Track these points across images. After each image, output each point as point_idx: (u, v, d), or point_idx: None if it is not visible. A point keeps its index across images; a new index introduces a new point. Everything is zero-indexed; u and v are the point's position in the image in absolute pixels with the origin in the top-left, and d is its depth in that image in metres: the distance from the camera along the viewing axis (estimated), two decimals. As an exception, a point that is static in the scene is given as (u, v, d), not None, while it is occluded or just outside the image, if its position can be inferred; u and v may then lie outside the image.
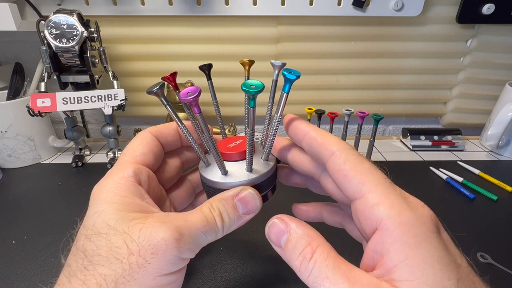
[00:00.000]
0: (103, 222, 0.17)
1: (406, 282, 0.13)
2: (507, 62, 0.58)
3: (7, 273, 0.29)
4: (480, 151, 0.55)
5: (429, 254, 0.13)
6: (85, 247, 0.16)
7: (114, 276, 0.15)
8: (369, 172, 0.16)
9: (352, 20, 0.54)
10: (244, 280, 0.29)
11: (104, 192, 0.18)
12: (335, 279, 0.14)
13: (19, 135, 0.47)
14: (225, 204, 0.19)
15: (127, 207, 0.17)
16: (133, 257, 0.15)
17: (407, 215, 0.14)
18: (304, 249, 0.16)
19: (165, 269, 0.16)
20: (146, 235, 0.16)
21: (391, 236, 0.14)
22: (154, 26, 0.54)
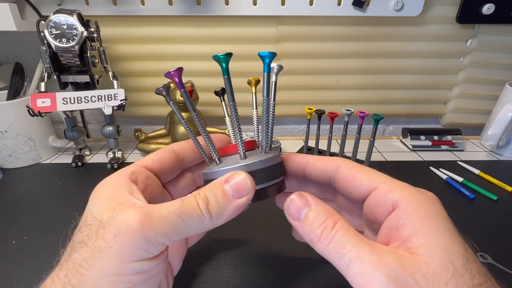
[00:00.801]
0: (91, 215, 0.17)
1: (421, 247, 0.15)
2: (507, 62, 0.58)
3: (7, 273, 0.29)
4: (480, 151, 0.55)
5: (440, 224, 0.16)
6: (74, 238, 0.17)
7: (80, 261, 0.15)
8: (374, 171, 0.19)
9: (352, 20, 0.54)
10: (244, 280, 0.29)
11: (102, 188, 0.19)
12: (357, 243, 0.15)
13: (19, 135, 0.47)
14: (213, 189, 0.18)
15: (115, 201, 0.17)
16: (98, 241, 0.15)
17: (418, 196, 0.17)
18: (325, 221, 0.17)
19: (129, 254, 0.15)
20: (115, 219, 0.16)
21: (406, 211, 0.16)
22: (154, 26, 0.54)
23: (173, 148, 0.23)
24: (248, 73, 0.59)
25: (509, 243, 0.33)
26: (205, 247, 0.33)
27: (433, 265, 0.14)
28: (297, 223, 0.18)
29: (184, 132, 0.52)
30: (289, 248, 0.32)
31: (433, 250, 0.15)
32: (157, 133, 0.55)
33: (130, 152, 0.54)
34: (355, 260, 0.15)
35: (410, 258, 0.15)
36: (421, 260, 0.14)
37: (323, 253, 0.16)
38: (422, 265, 0.14)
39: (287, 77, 0.60)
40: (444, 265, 0.14)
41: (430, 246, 0.15)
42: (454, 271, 0.14)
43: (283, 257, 0.31)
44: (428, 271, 0.14)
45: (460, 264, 0.15)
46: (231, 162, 0.20)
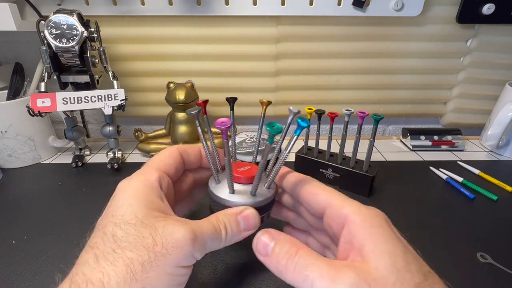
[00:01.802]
0: (132, 214, 0.19)
1: (370, 254, 0.17)
2: (507, 62, 0.58)
3: (7, 273, 0.29)
4: (480, 151, 0.55)
5: (383, 233, 0.18)
6: (114, 233, 0.19)
7: (140, 261, 0.18)
8: (330, 190, 0.22)
9: (352, 20, 0.54)
10: (244, 280, 0.29)
11: (133, 188, 0.21)
12: (317, 263, 0.18)
13: (19, 135, 0.47)
14: (230, 218, 0.22)
15: (151, 205, 0.20)
16: (158, 247, 0.18)
17: (364, 210, 0.20)
18: (289, 249, 0.19)
19: (181, 261, 0.19)
20: (169, 231, 0.19)
21: (355, 224, 0.19)
22: (154, 26, 0.54)
23: (179, 152, 0.26)
24: (248, 73, 0.59)
25: (509, 243, 0.33)
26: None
27: (381, 269, 0.17)
28: (265, 258, 0.20)
29: (184, 132, 0.52)
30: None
31: (379, 255, 0.17)
32: (157, 133, 0.55)
33: (130, 152, 0.54)
34: (317, 278, 0.17)
35: (363, 266, 0.17)
36: (372, 266, 0.17)
37: (291, 280, 0.19)
38: (373, 271, 0.17)
39: (287, 77, 0.60)
40: (389, 268, 0.17)
41: (377, 252, 0.17)
42: (398, 273, 0.17)
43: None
44: (378, 276, 0.16)
45: (401, 266, 0.17)
46: (243, 193, 0.25)
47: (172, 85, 0.51)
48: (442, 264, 0.31)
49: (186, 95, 0.49)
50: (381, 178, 0.45)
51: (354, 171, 0.41)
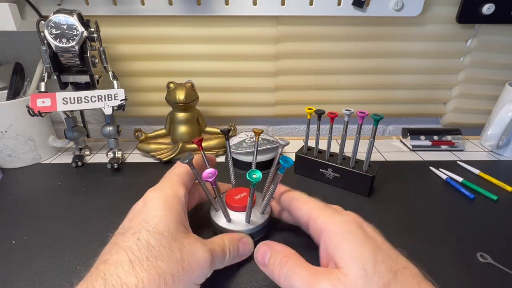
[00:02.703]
0: (165, 225, 0.21)
1: (342, 260, 0.19)
2: (507, 62, 0.58)
3: (7, 273, 0.29)
4: (480, 151, 0.55)
5: (353, 238, 0.20)
6: (149, 241, 0.20)
7: (171, 273, 0.19)
8: (311, 201, 0.26)
9: (352, 20, 0.54)
10: (244, 280, 0.29)
11: (165, 201, 0.23)
12: (300, 272, 0.20)
13: (19, 135, 0.47)
14: (233, 243, 0.26)
15: (179, 219, 0.23)
16: (184, 263, 0.20)
17: (337, 218, 0.22)
18: (281, 260, 0.22)
19: (199, 279, 0.21)
20: (192, 249, 0.21)
21: (328, 232, 0.21)
22: (154, 26, 0.54)
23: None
24: (248, 73, 0.59)
25: (509, 243, 0.33)
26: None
27: (350, 274, 0.18)
28: (264, 268, 0.23)
29: (184, 132, 0.52)
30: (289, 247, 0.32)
31: (349, 261, 0.19)
32: (157, 133, 0.55)
33: (130, 152, 0.54)
34: (298, 286, 0.20)
35: (336, 273, 0.19)
36: (343, 272, 0.18)
37: (282, 286, 0.21)
38: (343, 277, 0.18)
39: (287, 77, 0.60)
40: (358, 272, 0.18)
41: (347, 258, 0.19)
42: (366, 275, 0.18)
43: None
44: (347, 281, 0.18)
45: (370, 268, 0.18)
46: (239, 221, 0.31)
47: (172, 85, 0.51)
48: (442, 264, 0.31)
49: (186, 95, 0.49)
50: (381, 178, 0.45)
51: (354, 171, 0.41)
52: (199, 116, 0.54)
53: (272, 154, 0.47)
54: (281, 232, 0.35)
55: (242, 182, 0.35)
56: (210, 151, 0.52)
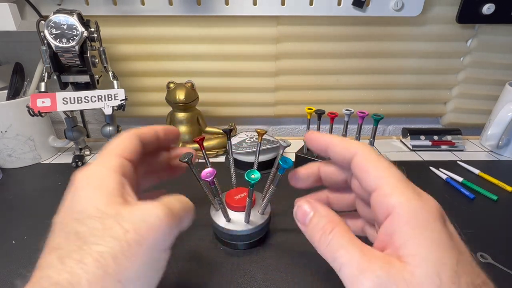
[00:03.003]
0: (93, 207, 0.18)
1: (410, 256, 0.15)
2: (507, 62, 0.58)
3: (7, 273, 0.29)
4: (480, 151, 0.55)
5: (431, 236, 0.16)
6: (77, 230, 0.17)
7: (112, 253, 0.16)
8: (386, 168, 0.18)
9: (352, 20, 0.54)
10: (245, 280, 0.29)
11: (91, 178, 0.19)
12: (349, 248, 0.17)
13: (19, 135, 0.47)
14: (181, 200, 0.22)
15: (113, 192, 0.18)
16: (129, 234, 0.17)
17: (415, 204, 0.16)
18: (325, 225, 0.18)
19: (161, 244, 0.18)
20: (139, 214, 0.18)
21: (401, 219, 0.16)
22: (154, 26, 0.54)
23: (137, 135, 0.24)
24: (248, 73, 0.59)
25: (509, 243, 0.33)
26: (205, 248, 0.33)
27: (417, 276, 0.15)
28: (303, 227, 0.20)
29: (184, 132, 0.52)
30: (290, 248, 0.33)
31: (420, 261, 0.15)
32: (157, 133, 0.55)
33: (130, 152, 0.54)
34: (345, 264, 0.16)
35: (398, 266, 0.15)
36: (408, 269, 0.15)
37: (322, 254, 0.18)
38: (407, 275, 0.15)
39: (287, 77, 0.60)
40: (429, 277, 0.15)
41: (418, 257, 0.15)
42: (440, 284, 0.14)
43: (283, 256, 0.31)
44: (412, 282, 0.15)
45: (447, 276, 0.15)
46: (238, 221, 0.31)
47: (172, 85, 0.51)
48: (442, 264, 0.31)
49: (186, 95, 0.49)
50: (381, 178, 0.44)
51: (354, 171, 0.41)
52: (199, 116, 0.54)
53: (273, 154, 0.47)
54: (282, 233, 0.35)
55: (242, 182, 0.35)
56: (210, 151, 0.52)
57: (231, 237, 0.31)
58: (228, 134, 0.36)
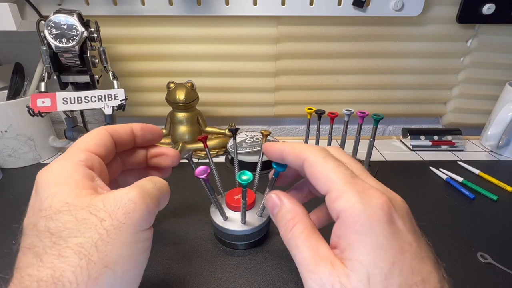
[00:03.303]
0: (61, 201, 0.17)
1: (348, 260, 0.17)
2: (507, 62, 0.58)
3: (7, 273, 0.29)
4: (480, 151, 0.55)
5: (370, 240, 0.16)
6: (48, 226, 0.17)
7: (91, 242, 0.16)
8: (332, 171, 0.19)
9: (352, 20, 0.54)
10: (244, 280, 0.29)
11: (54, 175, 0.19)
12: (303, 249, 0.18)
13: (19, 135, 0.47)
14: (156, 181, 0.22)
15: (80, 185, 0.18)
16: (106, 222, 0.17)
17: (358, 208, 0.17)
18: (287, 222, 0.20)
19: (139, 225, 0.18)
20: (111, 201, 0.18)
21: (345, 225, 0.17)
22: (154, 26, 0.54)
23: (108, 132, 0.23)
24: (248, 73, 0.59)
25: (509, 243, 0.33)
26: (205, 248, 0.33)
27: (352, 280, 0.16)
28: (272, 217, 0.22)
29: (184, 132, 0.52)
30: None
31: (355, 265, 0.16)
32: (157, 133, 0.55)
33: (130, 152, 0.54)
34: (298, 263, 0.18)
35: (338, 269, 0.16)
36: (345, 273, 0.16)
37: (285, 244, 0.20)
38: (344, 279, 0.16)
39: (287, 77, 0.60)
40: (361, 280, 0.16)
41: (355, 262, 0.16)
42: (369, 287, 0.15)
43: (283, 257, 0.31)
44: (346, 284, 0.16)
45: (377, 280, 0.15)
46: (236, 220, 0.31)
47: (172, 85, 0.51)
48: (442, 264, 0.31)
49: (186, 95, 0.49)
50: (381, 178, 0.44)
51: (354, 171, 0.41)
52: (199, 116, 0.54)
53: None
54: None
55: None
56: (210, 151, 0.52)
57: (231, 237, 0.31)
58: (234, 133, 0.36)
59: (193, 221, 0.36)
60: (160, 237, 0.34)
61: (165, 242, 0.33)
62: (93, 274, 0.16)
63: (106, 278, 0.16)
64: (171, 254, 0.32)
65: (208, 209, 0.33)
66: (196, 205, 0.39)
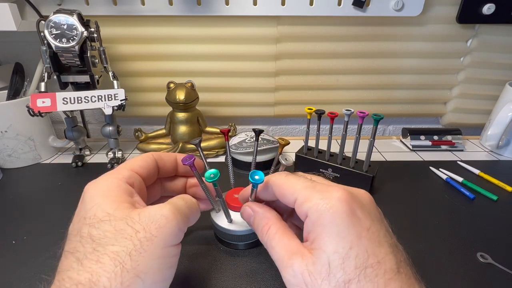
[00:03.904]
0: (103, 211, 0.19)
1: (314, 250, 0.19)
2: (507, 62, 0.58)
3: (7, 273, 0.29)
4: (480, 151, 0.55)
5: (331, 231, 0.19)
6: (91, 233, 0.18)
7: (126, 251, 0.18)
8: (295, 184, 0.22)
9: (352, 20, 0.54)
10: (244, 280, 0.29)
11: (100, 188, 0.21)
12: (277, 248, 0.21)
13: (19, 135, 0.47)
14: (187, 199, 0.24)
15: (121, 199, 0.20)
16: (140, 234, 0.19)
17: (321, 206, 0.19)
18: (263, 227, 0.22)
19: (170, 240, 0.20)
20: (147, 215, 0.20)
21: (311, 221, 0.20)
22: (154, 26, 0.54)
23: (154, 157, 0.26)
24: (248, 73, 0.59)
25: (509, 243, 0.33)
26: (205, 248, 0.33)
27: (316, 266, 0.18)
28: (250, 226, 0.25)
29: (184, 132, 0.52)
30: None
31: (320, 253, 0.18)
32: (157, 133, 0.55)
33: (130, 152, 0.54)
34: (275, 260, 0.21)
35: (307, 258, 0.19)
36: (312, 260, 0.18)
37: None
38: (311, 266, 0.18)
39: (287, 77, 0.60)
40: (323, 266, 0.18)
41: (320, 250, 0.18)
42: (329, 271, 0.18)
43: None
44: (313, 271, 0.18)
45: (336, 264, 0.18)
46: (239, 221, 0.31)
47: (172, 85, 0.51)
48: (442, 264, 0.31)
49: (186, 95, 0.49)
50: (381, 178, 0.45)
51: (354, 171, 0.41)
52: (199, 116, 0.54)
53: (272, 154, 0.47)
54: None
55: (242, 182, 0.35)
56: (210, 151, 0.52)
57: (232, 237, 0.31)
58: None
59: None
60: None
61: (165, 242, 0.33)
62: (125, 282, 0.17)
63: (136, 287, 0.17)
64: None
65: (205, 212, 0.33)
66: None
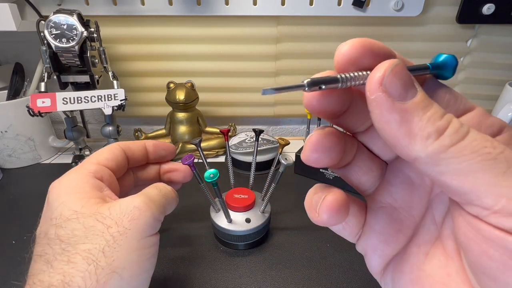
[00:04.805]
0: (70, 210, 0.18)
1: None
2: (507, 62, 0.58)
3: (7, 273, 0.29)
4: (480, 151, 0.55)
5: None
6: (58, 234, 0.18)
7: (99, 248, 0.17)
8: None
9: (352, 20, 0.54)
10: (244, 280, 0.29)
11: (64, 185, 0.20)
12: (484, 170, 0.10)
13: (19, 135, 0.47)
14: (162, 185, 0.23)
15: (88, 195, 0.19)
16: (112, 228, 0.18)
17: None
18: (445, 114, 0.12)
19: (145, 231, 0.19)
20: (117, 209, 0.19)
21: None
22: (154, 26, 0.54)
23: (121, 147, 0.25)
24: (248, 73, 0.59)
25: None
26: (205, 248, 0.33)
27: None
28: (396, 104, 0.11)
29: (184, 132, 0.52)
30: (289, 248, 0.33)
31: None
32: (157, 133, 0.55)
33: (130, 152, 0.54)
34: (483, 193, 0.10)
35: None
36: None
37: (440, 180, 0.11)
38: None
39: (287, 77, 0.60)
40: None
41: None
42: None
43: (283, 256, 0.31)
44: None
45: None
46: (239, 221, 0.31)
47: (172, 85, 0.51)
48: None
49: (186, 95, 0.49)
50: (381, 178, 0.44)
51: (354, 171, 0.41)
52: (199, 116, 0.54)
53: (272, 154, 0.47)
54: (282, 233, 0.35)
55: (242, 182, 0.36)
56: (210, 151, 0.52)
57: (231, 237, 0.31)
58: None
59: (193, 221, 0.36)
60: (160, 237, 0.34)
61: (165, 242, 0.33)
62: (101, 279, 0.16)
63: (114, 282, 0.17)
64: (171, 254, 0.32)
65: (207, 209, 0.33)
66: (196, 205, 0.39)
